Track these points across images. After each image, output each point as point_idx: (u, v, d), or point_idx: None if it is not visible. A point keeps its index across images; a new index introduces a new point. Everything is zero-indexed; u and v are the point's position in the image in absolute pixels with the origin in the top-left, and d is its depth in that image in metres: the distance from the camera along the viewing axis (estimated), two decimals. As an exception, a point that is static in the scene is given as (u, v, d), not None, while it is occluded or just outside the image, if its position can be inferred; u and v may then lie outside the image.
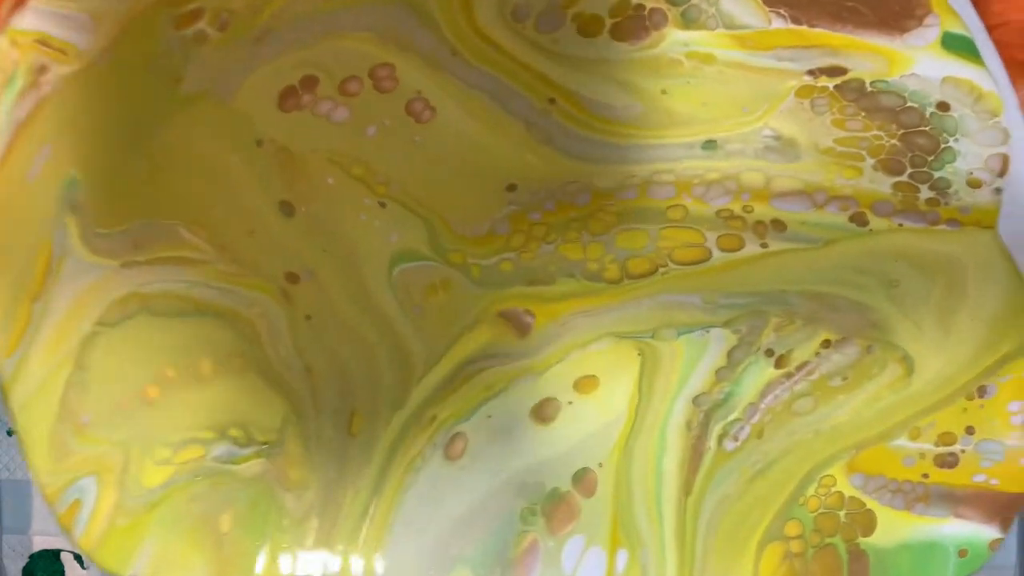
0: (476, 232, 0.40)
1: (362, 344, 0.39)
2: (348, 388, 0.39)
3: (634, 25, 0.42)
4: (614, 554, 0.40)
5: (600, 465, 0.40)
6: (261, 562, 0.37)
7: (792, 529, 0.42)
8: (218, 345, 0.35)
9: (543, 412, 0.40)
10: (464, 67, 0.39)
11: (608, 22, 0.41)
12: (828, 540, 0.42)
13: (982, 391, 0.44)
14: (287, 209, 0.37)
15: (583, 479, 0.40)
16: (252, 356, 0.36)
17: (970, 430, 0.44)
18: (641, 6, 0.41)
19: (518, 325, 0.40)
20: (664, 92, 0.42)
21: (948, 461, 0.44)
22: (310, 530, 0.37)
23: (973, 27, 0.48)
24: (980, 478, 0.44)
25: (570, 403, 0.40)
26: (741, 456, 0.42)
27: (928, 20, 0.47)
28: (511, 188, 0.40)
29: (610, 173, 0.42)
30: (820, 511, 0.43)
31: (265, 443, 0.36)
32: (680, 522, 0.41)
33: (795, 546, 0.42)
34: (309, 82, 0.37)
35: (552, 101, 0.41)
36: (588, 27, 0.41)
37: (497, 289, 0.40)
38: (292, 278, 0.38)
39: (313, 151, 0.37)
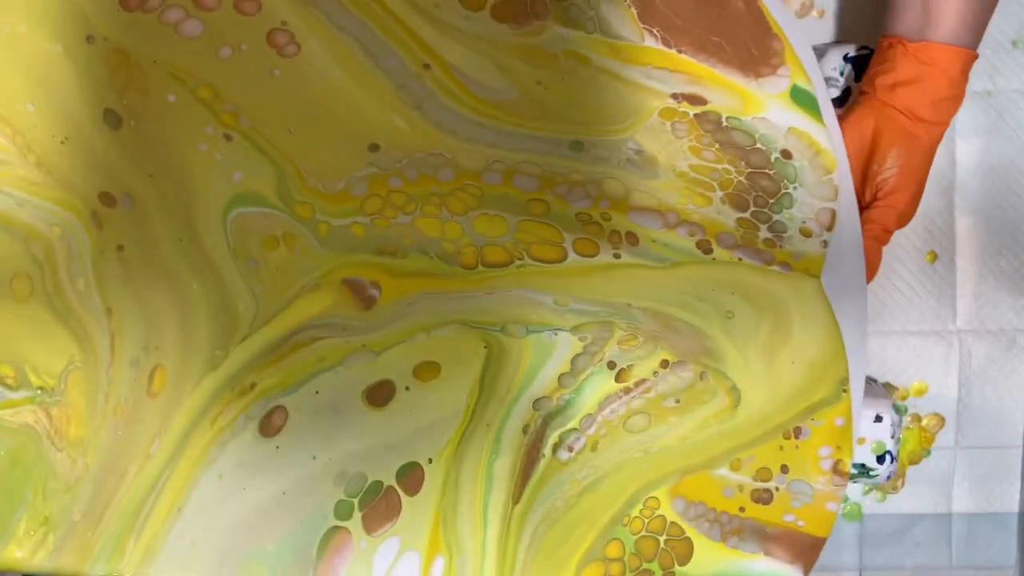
0: (330, 188, 0.36)
1: (180, 290, 0.34)
2: (155, 339, 0.33)
3: (516, 9, 0.41)
4: (431, 560, 0.37)
5: (430, 461, 0.37)
6: (14, 532, 0.30)
7: (613, 550, 0.41)
8: (1, 263, 0.29)
9: (377, 395, 0.36)
10: (338, 9, 0.36)
11: (490, 0, 0.40)
12: (646, 565, 0.41)
13: (797, 432, 0.45)
14: (112, 120, 0.32)
15: (409, 475, 0.36)
16: (41, 283, 0.30)
17: (784, 468, 0.45)
18: None
19: (362, 297, 0.37)
20: (539, 84, 0.42)
21: (763, 497, 0.44)
22: (79, 500, 0.31)
23: (817, 86, 0.48)
24: (789, 518, 0.45)
25: (407, 389, 0.37)
26: (573, 468, 0.40)
27: (781, 71, 0.47)
28: (373, 148, 0.38)
29: (477, 153, 0.40)
30: (642, 534, 0.42)
31: (40, 388, 0.30)
32: (504, 531, 0.38)
33: (614, 568, 0.41)
34: None
35: (427, 67, 0.39)
36: (471, 0, 0.40)
37: (344, 253, 0.36)
38: (107, 200, 0.32)
39: (154, 62, 0.32)
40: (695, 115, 0.45)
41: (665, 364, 0.42)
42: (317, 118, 0.36)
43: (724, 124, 0.45)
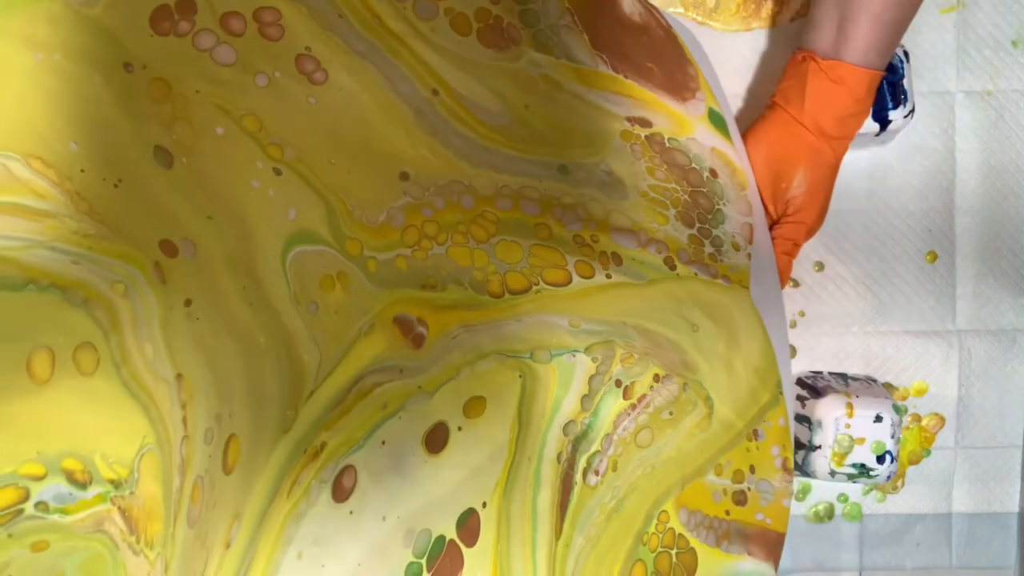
0: (373, 221, 0.35)
1: (247, 345, 0.29)
2: (227, 405, 0.28)
3: (495, 34, 0.41)
4: None
5: (484, 505, 0.36)
6: None
7: (638, 573, 0.41)
8: (59, 334, 0.23)
9: (434, 439, 0.35)
10: (351, 32, 0.35)
11: (475, 25, 0.41)
12: None
13: (755, 434, 0.46)
14: (164, 157, 0.28)
15: (467, 523, 0.35)
16: (107, 351, 0.24)
17: (752, 469, 0.46)
18: (500, 17, 0.41)
19: (411, 336, 0.35)
20: (527, 108, 0.42)
21: (740, 499, 0.46)
22: None
23: (723, 106, 0.50)
24: (760, 516, 0.46)
25: (459, 429, 0.36)
26: (601, 491, 0.41)
27: (698, 94, 0.49)
28: (404, 177, 0.37)
29: (487, 178, 0.40)
30: (659, 551, 0.42)
31: (112, 481, 0.24)
32: (551, 568, 0.38)
33: None
34: (186, 6, 0.30)
35: (435, 92, 0.38)
36: (458, 24, 0.40)
37: (392, 289, 0.35)
38: (169, 248, 0.27)
39: (196, 92, 0.29)
40: (646, 137, 0.46)
41: (657, 378, 0.43)
42: (353, 147, 0.35)
43: (667, 145, 0.47)
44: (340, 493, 0.31)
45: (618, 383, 0.41)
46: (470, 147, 0.39)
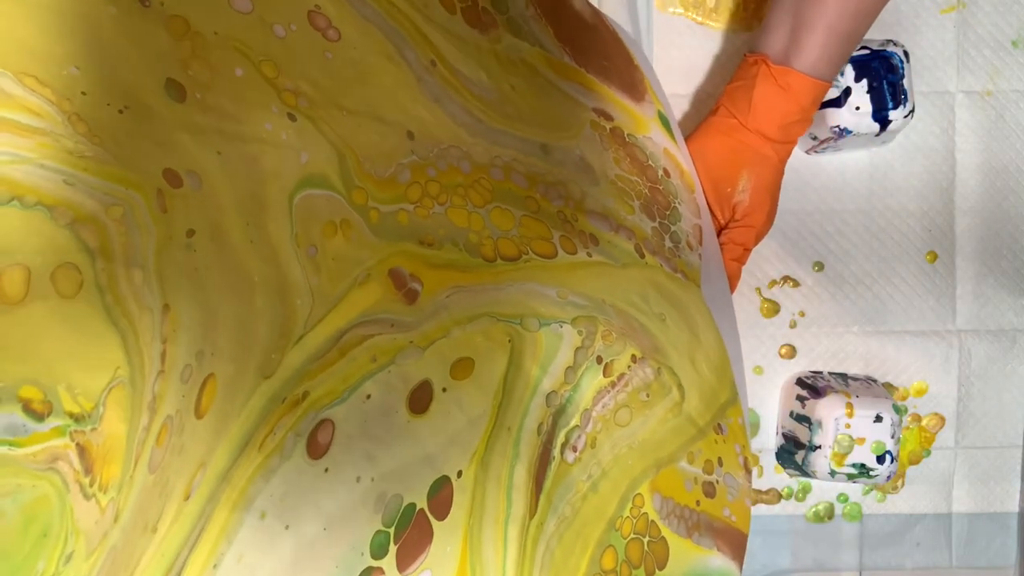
0: (381, 173, 0.35)
1: (241, 282, 0.28)
2: (210, 342, 0.26)
3: (475, 16, 0.41)
4: None
5: (459, 475, 0.34)
6: None
7: (608, 561, 0.40)
8: (38, 253, 0.21)
9: (418, 399, 0.34)
10: None
11: (458, 5, 0.41)
12: (635, 572, 0.41)
13: (719, 428, 0.46)
14: (176, 91, 0.27)
15: (439, 493, 0.34)
16: (92, 274, 0.22)
17: (720, 461, 0.46)
18: (476, 1, 0.41)
19: (405, 291, 0.35)
20: (512, 88, 0.42)
21: (709, 490, 0.45)
22: (102, 569, 0.23)
23: (666, 109, 0.50)
24: (726, 512, 0.45)
25: (444, 390, 0.35)
26: (578, 469, 0.40)
27: (647, 97, 0.49)
28: (410, 136, 0.36)
29: (482, 148, 0.40)
30: (631, 537, 0.42)
31: (73, 415, 0.22)
32: (521, 549, 0.37)
33: None
34: None
35: (433, 63, 0.38)
36: (445, 2, 0.40)
37: (392, 241, 0.34)
38: (173, 178, 0.26)
39: (215, 33, 0.29)
40: (610, 129, 0.46)
41: (634, 359, 0.43)
42: (365, 103, 0.35)
43: (627, 140, 0.47)
44: (315, 449, 0.30)
45: (599, 359, 0.41)
46: (466, 116, 0.39)
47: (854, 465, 0.53)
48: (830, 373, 0.58)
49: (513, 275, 0.38)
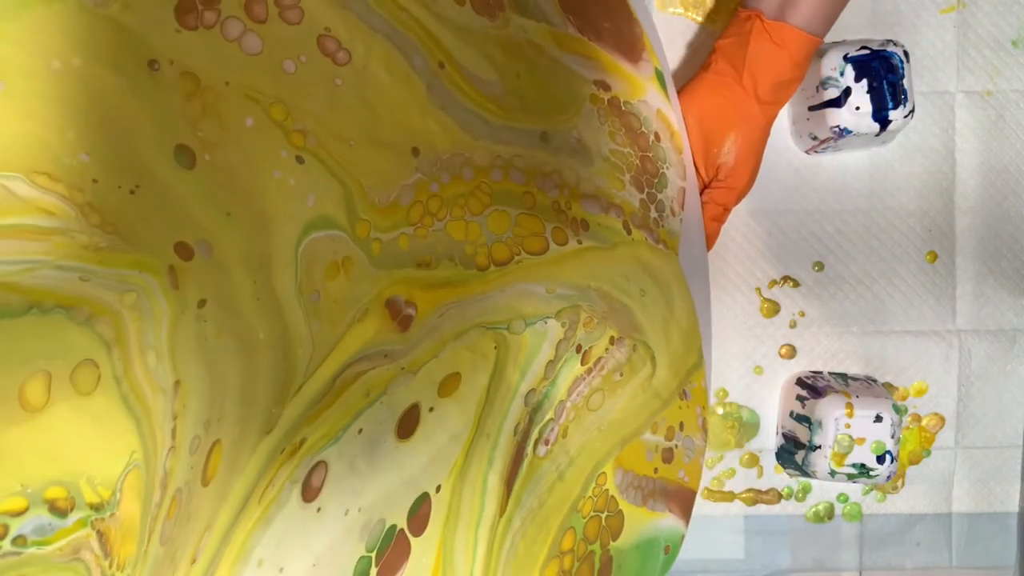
0: (384, 200, 0.34)
1: (248, 342, 0.28)
2: (217, 409, 0.27)
3: (483, 2, 0.41)
4: None
5: (437, 490, 0.35)
6: None
7: (567, 542, 0.41)
8: (58, 356, 0.22)
9: (406, 424, 0.34)
10: (365, 8, 0.35)
11: None
12: (590, 548, 0.42)
13: (683, 394, 0.47)
14: (186, 157, 0.27)
15: (419, 511, 0.34)
16: (109, 367, 0.23)
17: (681, 426, 0.47)
18: None
19: (399, 318, 0.34)
20: (519, 76, 0.42)
21: (667, 456, 0.46)
22: None
23: (663, 65, 0.50)
24: (681, 474, 0.47)
25: (431, 410, 0.35)
26: (548, 462, 0.41)
27: (645, 55, 0.49)
28: (415, 152, 0.36)
29: (485, 150, 0.40)
30: (591, 515, 0.42)
31: (95, 505, 0.22)
32: (489, 548, 0.37)
33: (567, 562, 0.41)
34: None
35: (442, 66, 0.38)
36: None
37: (391, 269, 0.34)
38: (184, 251, 0.26)
39: (226, 83, 0.28)
40: (608, 100, 0.46)
41: (612, 341, 0.43)
42: (372, 126, 0.34)
43: (623, 108, 0.47)
44: (310, 492, 0.30)
45: (578, 348, 0.41)
46: (472, 119, 0.39)
47: (854, 465, 0.53)
48: (830, 373, 0.58)
49: (503, 279, 0.39)
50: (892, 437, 0.53)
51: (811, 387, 0.55)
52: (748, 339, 0.58)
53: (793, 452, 0.56)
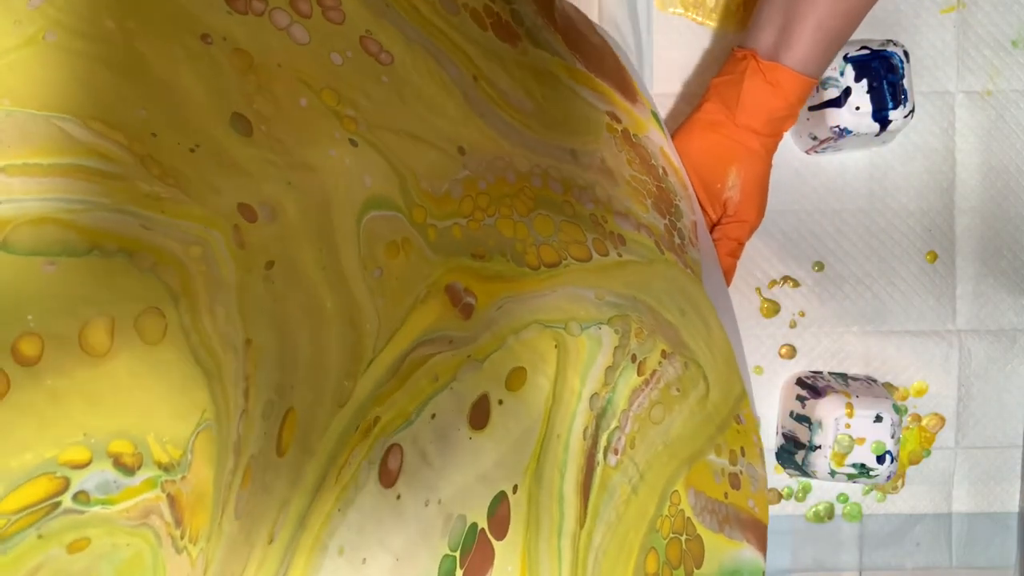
0: (437, 189, 0.35)
1: (317, 309, 0.28)
2: (289, 372, 0.26)
3: (503, 30, 0.42)
4: None
5: (515, 490, 0.34)
6: None
7: (651, 564, 0.40)
8: (122, 301, 0.21)
9: (478, 414, 0.34)
10: (400, 20, 0.36)
11: (487, 20, 0.41)
12: (675, 574, 0.41)
13: (738, 419, 0.47)
14: (242, 125, 0.27)
15: (497, 511, 0.34)
16: (177, 317, 0.22)
17: (743, 451, 0.46)
18: (499, 15, 0.42)
19: (460, 306, 0.35)
20: (544, 98, 0.43)
21: (735, 482, 0.45)
22: None
23: (657, 111, 0.51)
24: (751, 503, 0.45)
25: (500, 403, 0.35)
26: (620, 472, 0.40)
27: (638, 98, 0.50)
28: (462, 151, 0.37)
29: (523, 157, 0.41)
30: (670, 536, 0.41)
31: (164, 465, 0.21)
32: (574, 562, 0.36)
33: None
34: None
35: (475, 79, 0.39)
36: (476, 19, 0.41)
37: (448, 256, 0.35)
38: (248, 213, 0.26)
39: (278, 65, 0.29)
40: (621, 131, 0.47)
41: (664, 354, 0.43)
42: (418, 124, 0.35)
43: (634, 140, 0.48)
44: (387, 476, 0.29)
45: (633, 358, 0.41)
46: (508, 128, 0.40)
47: (854, 465, 0.53)
48: (830, 373, 0.58)
49: (554, 280, 0.39)
50: (892, 437, 0.53)
51: (811, 387, 0.55)
52: (748, 339, 0.58)
53: (793, 452, 0.56)
